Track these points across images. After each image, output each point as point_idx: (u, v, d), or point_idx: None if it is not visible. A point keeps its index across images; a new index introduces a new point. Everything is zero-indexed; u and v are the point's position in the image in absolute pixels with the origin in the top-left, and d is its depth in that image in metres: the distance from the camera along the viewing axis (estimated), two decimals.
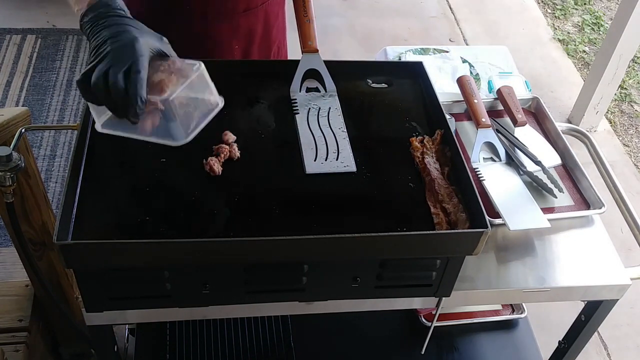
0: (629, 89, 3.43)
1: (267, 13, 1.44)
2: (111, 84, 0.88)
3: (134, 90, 0.89)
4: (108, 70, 0.89)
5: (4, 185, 1.13)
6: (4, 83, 2.89)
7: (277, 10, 1.49)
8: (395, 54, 2.07)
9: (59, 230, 0.90)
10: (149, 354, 1.54)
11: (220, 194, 1.04)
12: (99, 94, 0.90)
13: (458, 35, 3.61)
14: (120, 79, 0.89)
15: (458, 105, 1.46)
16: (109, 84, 0.89)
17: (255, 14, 1.41)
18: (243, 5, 1.37)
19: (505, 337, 1.67)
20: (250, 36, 1.44)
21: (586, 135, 1.52)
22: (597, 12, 3.96)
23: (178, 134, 0.95)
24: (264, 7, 1.42)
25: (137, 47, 0.91)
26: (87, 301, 1.03)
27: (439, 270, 1.07)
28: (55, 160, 2.58)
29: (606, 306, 1.26)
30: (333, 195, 1.07)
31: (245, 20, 1.40)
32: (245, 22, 1.41)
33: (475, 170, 1.27)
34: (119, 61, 0.89)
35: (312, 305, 1.13)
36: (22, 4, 3.36)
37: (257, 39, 1.46)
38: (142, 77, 0.90)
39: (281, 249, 0.97)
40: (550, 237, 1.26)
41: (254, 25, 1.43)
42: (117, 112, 0.92)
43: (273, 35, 1.50)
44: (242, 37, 1.43)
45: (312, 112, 1.21)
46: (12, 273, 1.99)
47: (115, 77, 0.88)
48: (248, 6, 1.38)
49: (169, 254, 0.95)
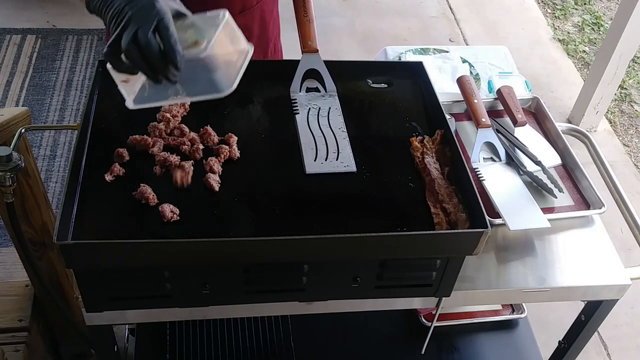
0: (629, 89, 3.43)
1: (263, 11, 1.44)
2: (144, 44, 0.86)
3: (169, 45, 0.87)
4: (136, 32, 0.86)
5: (4, 185, 1.14)
6: (4, 83, 2.89)
7: (272, 7, 1.48)
8: (395, 54, 2.07)
9: (59, 230, 0.90)
10: (149, 354, 1.54)
11: (220, 195, 1.04)
12: (133, 59, 0.87)
13: (458, 35, 3.61)
14: (152, 38, 0.86)
15: (458, 105, 1.46)
16: (141, 45, 0.86)
17: (252, 14, 1.41)
18: (239, 6, 1.37)
19: (505, 337, 1.67)
20: (248, 35, 1.43)
21: (586, 135, 1.52)
22: (597, 12, 3.96)
23: (223, 83, 0.93)
24: (259, 6, 1.41)
25: (157, 6, 0.88)
26: (87, 301, 1.03)
27: (439, 270, 1.07)
28: (55, 160, 2.58)
29: (606, 306, 1.26)
30: (333, 195, 1.07)
31: (242, 21, 1.39)
32: (242, 23, 1.39)
33: (475, 170, 1.27)
34: (144, 22, 0.86)
35: (312, 305, 1.13)
36: (22, 4, 3.36)
37: (254, 38, 1.45)
38: (174, 32, 0.88)
39: (281, 249, 0.97)
40: (550, 237, 1.26)
41: (250, 26, 1.42)
42: (155, 74, 0.90)
43: (269, 33, 1.50)
44: None
45: (312, 112, 1.21)
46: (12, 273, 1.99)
47: (146, 37, 0.86)
48: (244, 7, 1.38)
49: (169, 254, 0.95)
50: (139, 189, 1.01)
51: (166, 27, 0.88)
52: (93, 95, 1.16)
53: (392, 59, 2.03)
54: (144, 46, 0.86)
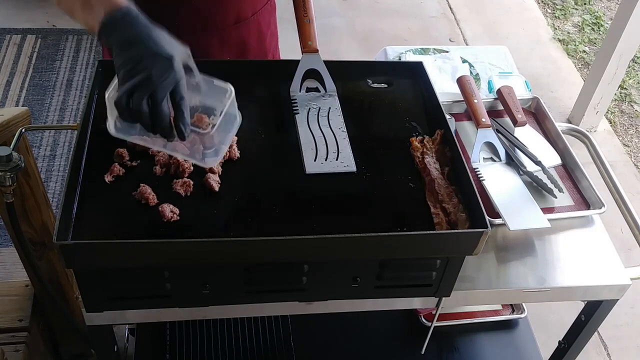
0: (629, 89, 3.43)
1: (259, 23, 1.42)
2: (158, 112, 0.86)
3: (181, 119, 0.87)
4: (151, 95, 0.85)
5: (4, 185, 1.13)
6: (4, 83, 2.89)
7: (269, 18, 1.46)
8: (395, 54, 2.07)
9: (59, 230, 0.90)
10: (149, 354, 1.54)
11: (220, 195, 1.04)
12: (142, 118, 0.86)
13: (458, 35, 3.61)
14: (166, 105, 0.86)
15: (458, 105, 1.46)
16: (154, 110, 0.86)
17: (247, 26, 1.39)
18: (232, 17, 1.35)
19: (505, 337, 1.67)
20: (244, 48, 1.42)
21: (586, 135, 1.52)
22: (597, 12, 3.96)
23: (210, 158, 0.98)
24: (255, 18, 1.39)
25: (175, 67, 0.87)
26: (87, 301, 1.03)
27: (439, 270, 1.07)
28: (55, 160, 2.58)
29: (606, 306, 1.26)
30: (333, 195, 1.07)
31: (237, 33, 1.38)
32: (237, 35, 1.38)
33: (475, 170, 1.27)
34: (161, 86, 0.85)
35: (312, 305, 1.13)
36: (22, 4, 3.36)
37: (252, 50, 1.43)
38: (187, 105, 0.88)
39: (281, 249, 0.97)
40: (550, 237, 1.26)
41: (246, 38, 1.40)
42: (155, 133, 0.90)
43: (267, 44, 1.48)
44: (234, 49, 1.40)
45: (312, 112, 1.21)
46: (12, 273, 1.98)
47: (160, 105, 0.85)
48: (238, 18, 1.36)
49: (169, 254, 0.95)
50: (139, 189, 1.01)
51: (181, 97, 0.88)
52: (93, 95, 1.16)
53: (392, 59, 2.03)
54: (156, 112, 0.86)
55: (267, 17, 1.45)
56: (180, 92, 0.88)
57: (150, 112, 0.86)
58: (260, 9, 1.40)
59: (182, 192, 1.03)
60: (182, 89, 0.88)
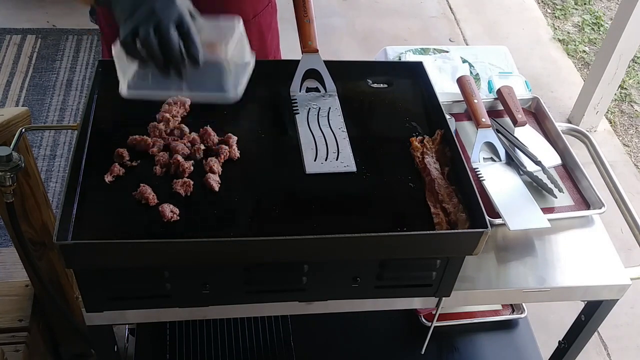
0: (629, 89, 3.43)
1: (260, 25, 1.42)
2: (166, 36, 0.84)
3: (190, 41, 0.85)
4: (157, 25, 0.84)
5: (4, 185, 1.13)
6: (4, 83, 2.89)
7: (270, 20, 1.46)
8: (395, 54, 2.07)
9: (59, 230, 0.90)
10: (149, 354, 1.54)
11: (220, 195, 1.04)
12: (152, 49, 0.85)
13: (458, 35, 3.61)
14: (175, 35, 0.84)
15: (458, 105, 1.46)
16: (163, 37, 0.84)
17: (248, 28, 1.37)
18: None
19: (505, 337, 1.67)
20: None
21: (586, 135, 1.52)
22: (597, 12, 3.96)
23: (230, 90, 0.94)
24: (256, 20, 1.39)
25: (177, 3, 0.86)
26: (87, 301, 1.03)
27: (439, 270, 1.07)
28: (55, 160, 2.58)
29: (606, 306, 1.26)
30: (333, 195, 1.07)
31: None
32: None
33: (475, 170, 1.27)
34: (166, 16, 0.84)
35: (312, 305, 1.13)
36: (22, 4, 3.36)
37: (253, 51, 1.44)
38: (195, 33, 0.86)
39: (281, 249, 0.97)
40: (550, 237, 1.26)
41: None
42: (167, 67, 0.88)
43: (267, 46, 1.48)
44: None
45: (312, 112, 1.21)
46: (12, 273, 1.98)
47: (168, 30, 0.84)
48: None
49: (169, 254, 0.95)
50: (139, 189, 1.01)
51: (187, 23, 0.86)
52: (93, 95, 1.16)
53: (392, 59, 2.03)
54: (165, 39, 0.84)
55: (268, 19, 1.44)
56: (186, 22, 0.86)
57: (159, 42, 0.85)
58: (261, 11, 1.40)
59: (182, 192, 1.03)
60: (188, 19, 0.86)
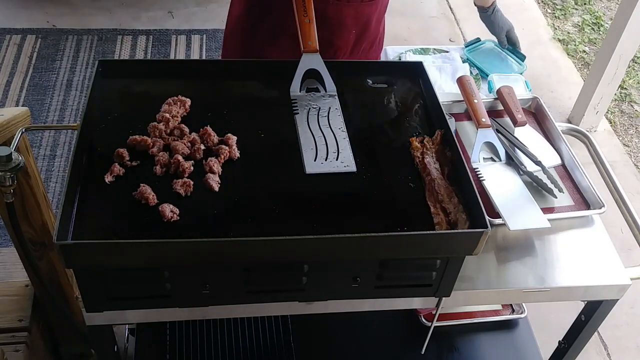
0: (629, 89, 3.42)
1: (383, 6, 1.54)
2: None
3: None
4: None
5: (4, 185, 1.13)
6: (4, 83, 2.89)
7: (387, 4, 1.58)
8: (395, 54, 2.07)
9: (59, 230, 0.90)
10: (149, 354, 1.54)
11: (220, 195, 1.04)
12: None
13: (458, 35, 3.61)
14: None
15: (458, 105, 1.46)
16: None
17: (376, 4, 1.50)
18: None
19: (505, 337, 1.68)
20: (367, 24, 1.53)
21: (586, 135, 1.52)
22: (597, 12, 3.95)
23: None
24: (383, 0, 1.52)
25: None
26: (87, 301, 1.03)
27: (439, 270, 1.07)
28: (55, 160, 2.57)
29: (606, 306, 1.26)
30: (333, 195, 1.07)
31: (367, 9, 1.50)
32: (367, 11, 1.51)
33: (475, 170, 1.27)
34: None
35: (312, 305, 1.13)
36: (22, 4, 3.35)
37: (371, 27, 1.56)
38: None
39: (281, 249, 0.97)
40: (550, 237, 1.26)
41: (371, 15, 1.53)
42: None
43: (382, 26, 1.62)
44: (361, 23, 1.52)
45: (312, 112, 1.21)
46: (12, 273, 1.98)
47: None
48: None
49: (169, 254, 0.95)
50: (138, 189, 1.01)
51: None
52: (93, 95, 1.16)
53: (392, 59, 2.03)
54: None
55: (386, 3, 1.57)
56: None
57: None
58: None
59: (182, 192, 1.03)
60: None
